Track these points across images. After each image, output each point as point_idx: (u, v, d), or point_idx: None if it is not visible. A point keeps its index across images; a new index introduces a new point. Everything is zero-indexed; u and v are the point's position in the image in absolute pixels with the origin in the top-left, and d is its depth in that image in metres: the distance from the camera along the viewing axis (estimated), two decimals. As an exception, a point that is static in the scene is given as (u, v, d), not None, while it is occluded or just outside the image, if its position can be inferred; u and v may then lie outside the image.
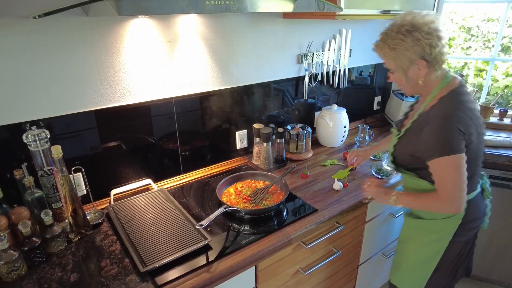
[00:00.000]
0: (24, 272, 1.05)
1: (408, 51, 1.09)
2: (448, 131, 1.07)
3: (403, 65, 1.13)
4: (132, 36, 1.35)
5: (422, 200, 1.21)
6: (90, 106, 1.34)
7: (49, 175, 1.19)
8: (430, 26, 1.08)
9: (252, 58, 1.75)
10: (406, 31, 1.08)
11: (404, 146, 1.24)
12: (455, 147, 1.07)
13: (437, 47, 1.08)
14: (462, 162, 1.08)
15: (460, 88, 1.15)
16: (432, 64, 1.12)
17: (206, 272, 1.07)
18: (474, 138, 1.10)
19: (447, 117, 1.08)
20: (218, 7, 1.06)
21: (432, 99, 1.17)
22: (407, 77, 1.16)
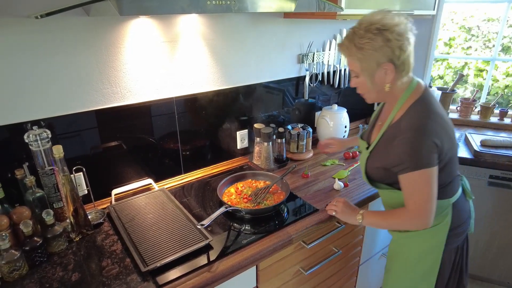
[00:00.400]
0: (25, 272, 1.06)
1: (377, 52, 1.00)
2: (421, 144, 1.01)
3: (369, 67, 1.04)
4: (133, 36, 1.36)
5: (389, 218, 1.16)
6: (91, 106, 1.34)
7: (50, 175, 1.19)
8: (401, 27, 1.00)
9: (252, 58, 1.75)
10: (376, 30, 0.99)
11: (376, 160, 1.16)
12: (427, 160, 1.01)
13: (406, 50, 1.01)
14: (434, 176, 1.03)
15: (427, 93, 1.09)
16: (400, 69, 1.04)
17: (207, 271, 1.07)
18: (446, 146, 1.04)
19: (419, 129, 1.02)
20: (219, 7, 1.06)
21: (400, 108, 1.09)
22: (373, 81, 1.07)
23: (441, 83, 3.29)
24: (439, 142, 1.02)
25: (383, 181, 1.19)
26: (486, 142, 1.99)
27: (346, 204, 1.29)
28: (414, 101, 1.07)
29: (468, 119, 2.44)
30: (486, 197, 1.98)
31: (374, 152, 1.17)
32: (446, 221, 1.15)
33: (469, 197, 1.26)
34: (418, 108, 1.06)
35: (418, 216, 1.07)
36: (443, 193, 1.12)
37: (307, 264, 1.41)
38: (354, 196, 1.48)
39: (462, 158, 1.94)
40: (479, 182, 1.96)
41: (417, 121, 1.03)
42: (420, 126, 1.02)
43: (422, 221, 1.07)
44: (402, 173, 1.05)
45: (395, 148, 1.05)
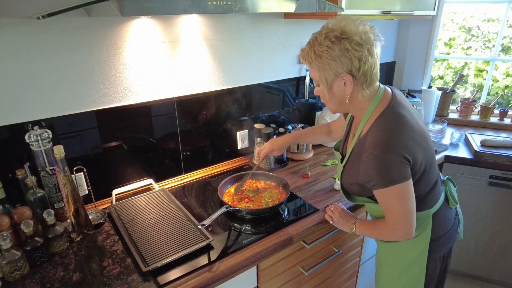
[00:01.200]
0: (26, 272, 1.06)
1: (334, 61, 0.94)
2: (388, 161, 0.95)
3: (327, 76, 0.98)
4: (134, 36, 1.36)
5: (375, 229, 1.15)
6: (92, 106, 1.34)
7: (51, 175, 1.19)
8: (362, 37, 0.93)
9: (253, 58, 1.75)
10: (335, 38, 0.93)
11: (349, 176, 1.12)
12: (397, 176, 0.96)
13: (367, 62, 0.94)
14: (408, 189, 0.99)
15: (394, 103, 1.03)
16: (361, 81, 0.98)
17: (208, 271, 1.07)
18: (419, 157, 1.00)
19: (385, 145, 0.96)
20: (220, 8, 1.07)
21: (367, 121, 1.04)
22: (331, 92, 1.01)
23: (441, 83, 3.29)
24: (409, 156, 0.96)
25: (361, 195, 1.16)
26: (486, 142, 1.99)
27: (342, 213, 1.28)
28: (380, 114, 1.01)
29: (468, 119, 2.44)
30: (486, 197, 1.98)
31: (347, 167, 1.14)
32: (426, 232, 1.13)
33: (453, 204, 1.20)
34: (383, 122, 1.00)
35: (399, 229, 1.05)
36: (423, 204, 1.10)
37: (308, 264, 1.41)
38: (355, 196, 1.48)
39: (462, 158, 1.95)
40: (479, 182, 1.97)
41: (383, 136, 0.98)
42: (386, 141, 0.96)
43: (402, 233, 1.05)
44: (374, 189, 1.02)
45: (363, 164, 1.01)
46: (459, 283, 2.24)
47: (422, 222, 1.12)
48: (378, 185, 1.00)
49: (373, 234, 1.19)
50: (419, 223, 1.11)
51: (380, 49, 0.99)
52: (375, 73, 0.99)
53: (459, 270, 2.24)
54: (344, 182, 1.18)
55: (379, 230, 1.13)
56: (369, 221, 1.21)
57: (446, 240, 1.18)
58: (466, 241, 2.13)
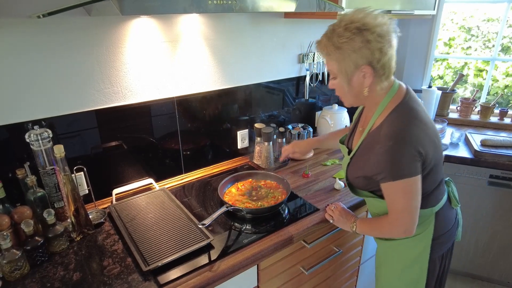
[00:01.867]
0: (26, 271, 1.06)
1: (355, 53, 0.94)
2: (402, 154, 0.95)
3: (347, 68, 0.98)
4: (134, 35, 1.36)
5: (376, 225, 1.15)
6: (92, 105, 1.34)
7: (52, 175, 1.19)
8: (383, 28, 0.93)
9: (253, 58, 1.75)
10: (356, 29, 0.92)
11: (356, 168, 1.12)
12: (408, 170, 0.96)
13: (387, 53, 0.95)
14: (416, 185, 0.99)
15: (409, 98, 1.03)
16: (379, 73, 0.97)
17: (208, 271, 1.07)
18: (430, 153, 1.00)
19: (400, 137, 0.96)
20: (220, 7, 1.07)
21: (381, 114, 1.04)
22: (350, 84, 1.01)
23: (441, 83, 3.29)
24: (422, 150, 0.97)
25: (366, 189, 1.15)
26: (486, 142, 1.99)
27: (342, 212, 1.28)
28: (395, 107, 1.01)
29: (468, 119, 2.44)
30: (486, 197, 1.98)
31: (354, 160, 1.13)
32: (428, 230, 1.13)
33: (455, 205, 1.21)
34: (399, 114, 1.00)
35: (400, 225, 1.04)
36: (426, 202, 1.09)
37: (308, 264, 1.41)
38: (354, 196, 1.47)
39: (462, 158, 1.95)
40: (479, 182, 1.97)
41: (398, 128, 0.98)
42: (401, 134, 0.96)
43: (403, 229, 1.05)
44: (383, 182, 1.02)
45: (374, 156, 1.00)
46: (459, 282, 2.24)
47: (424, 220, 1.12)
48: (387, 178, 0.99)
49: (374, 231, 1.19)
50: (422, 220, 1.10)
51: (396, 41, 0.98)
52: (393, 65, 1.00)
53: (459, 270, 2.24)
54: (350, 175, 1.16)
55: (380, 226, 1.13)
56: (370, 219, 1.21)
57: (445, 240, 1.18)
58: (466, 240, 2.13)
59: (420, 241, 1.14)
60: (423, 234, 1.13)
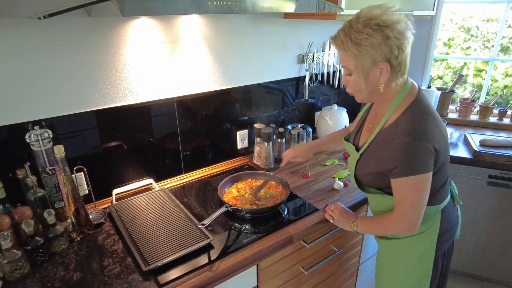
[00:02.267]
0: (27, 271, 1.06)
1: (374, 49, 0.93)
2: (418, 150, 0.96)
3: (364, 65, 0.97)
4: (134, 36, 1.36)
5: (378, 223, 1.15)
6: (92, 106, 1.35)
7: (52, 175, 1.20)
8: (402, 25, 0.94)
9: (253, 58, 1.76)
10: (376, 26, 0.92)
11: (368, 165, 1.12)
12: (422, 166, 0.98)
13: (405, 50, 0.96)
14: (428, 181, 1.00)
15: (421, 95, 1.05)
16: (396, 69, 0.98)
17: (208, 271, 1.07)
18: (442, 149, 1.02)
19: (418, 133, 0.97)
20: (220, 8, 1.07)
21: (395, 110, 1.04)
22: (367, 80, 1.00)
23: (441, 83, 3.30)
24: (437, 146, 0.98)
25: (375, 185, 1.15)
26: (485, 142, 2.00)
27: (343, 212, 1.29)
28: (410, 103, 1.03)
29: (467, 119, 2.45)
30: (486, 197, 1.99)
31: (365, 156, 1.13)
32: (435, 227, 1.13)
33: (458, 202, 1.23)
34: (415, 111, 1.02)
35: (405, 221, 1.05)
36: (434, 199, 1.10)
37: (308, 264, 1.41)
38: (354, 196, 1.48)
39: (461, 158, 1.95)
40: (479, 182, 1.97)
41: (416, 124, 0.99)
42: (419, 130, 0.98)
43: (407, 225, 1.06)
44: (395, 177, 1.02)
45: (390, 151, 1.01)
46: (458, 282, 2.24)
47: (431, 217, 1.12)
48: (401, 173, 0.99)
49: (376, 229, 1.19)
50: (428, 218, 1.11)
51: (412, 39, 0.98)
52: (408, 62, 1.00)
53: (459, 270, 2.25)
54: (359, 172, 1.16)
55: (383, 223, 1.13)
56: (372, 217, 1.21)
57: (448, 237, 1.18)
58: (465, 240, 2.13)
59: (426, 239, 1.14)
60: (429, 231, 1.13)
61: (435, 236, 1.14)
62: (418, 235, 1.13)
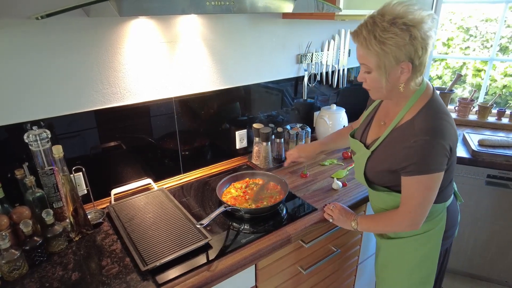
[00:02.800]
0: (25, 271, 1.06)
1: (399, 49, 0.91)
2: (436, 148, 0.97)
3: (387, 63, 0.95)
4: (133, 36, 1.36)
5: (381, 221, 1.15)
6: (90, 106, 1.35)
7: (50, 175, 1.20)
8: (428, 25, 0.92)
9: (251, 58, 1.76)
10: (404, 25, 0.89)
11: (380, 162, 1.11)
12: (437, 164, 0.98)
13: (428, 50, 0.95)
14: (438, 181, 1.01)
15: (436, 95, 1.06)
16: (417, 69, 0.97)
17: (207, 271, 1.07)
18: (455, 149, 1.03)
19: (437, 132, 0.97)
20: (218, 8, 1.07)
21: (410, 109, 1.04)
22: (388, 79, 0.98)
23: (440, 83, 3.30)
24: (452, 145, 1.00)
25: (384, 183, 1.15)
26: (484, 142, 2.00)
27: (342, 211, 1.29)
28: (426, 102, 1.03)
29: (466, 119, 2.45)
30: (484, 197, 1.99)
31: (377, 153, 1.12)
32: (441, 225, 1.14)
33: (460, 200, 1.24)
34: (433, 110, 1.02)
35: (412, 218, 1.06)
36: (441, 197, 1.10)
37: (306, 263, 1.41)
38: (353, 196, 1.49)
39: (460, 157, 1.95)
40: (477, 182, 1.97)
41: (433, 123, 0.99)
42: (436, 129, 0.98)
43: (413, 223, 1.06)
44: (408, 175, 1.02)
45: (405, 149, 1.00)
46: (457, 282, 2.24)
47: (437, 215, 1.12)
48: (415, 171, 1.00)
49: (377, 226, 1.19)
50: (434, 215, 1.12)
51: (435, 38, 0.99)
52: (426, 64, 1.00)
53: (458, 270, 2.25)
54: (370, 169, 1.15)
55: (386, 220, 1.13)
56: (372, 215, 1.21)
57: (451, 234, 1.20)
58: (464, 240, 2.14)
59: (432, 237, 1.14)
60: (435, 229, 1.13)
61: (441, 234, 1.15)
62: (424, 234, 1.13)
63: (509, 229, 2.01)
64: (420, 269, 1.18)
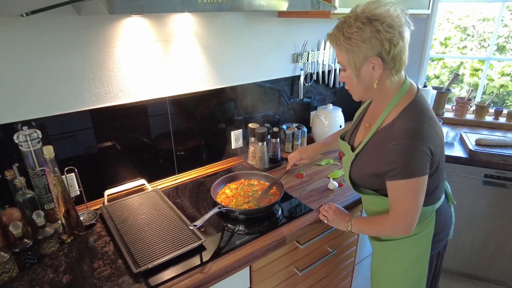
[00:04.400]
0: (15, 274, 1.04)
1: (364, 43, 0.92)
2: (416, 152, 0.95)
3: (356, 60, 0.96)
4: (126, 35, 1.34)
5: (373, 224, 1.15)
6: (83, 106, 1.33)
7: (41, 176, 1.18)
8: (394, 19, 0.92)
9: (247, 57, 1.74)
10: (366, 19, 0.92)
11: (364, 165, 1.10)
12: (420, 168, 0.97)
13: (397, 45, 0.93)
14: (423, 184, 1.00)
15: (420, 96, 1.03)
16: (389, 65, 0.96)
17: (200, 273, 1.06)
18: (438, 152, 1.01)
19: (416, 136, 0.96)
20: (210, 6, 1.05)
21: (392, 110, 1.03)
22: (359, 76, 0.99)
23: (437, 83, 3.29)
24: (433, 149, 0.98)
25: (370, 187, 1.14)
26: (481, 141, 1.99)
27: (337, 212, 1.27)
28: (408, 104, 1.01)
29: (463, 118, 2.44)
30: (481, 196, 1.98)
31: (360, 156, 1.12)
32: (430, 227, 1.13)
33: (452, 202, 1.22)
34: (414, 112, 1.00)
35: (403, 222, 1.04)
36: (428, 199, 1.09)
37: (302, 265, 1.40)
38: (349, 196, 1.47)
39: (457, 157, 1.94)
40: (474, 181, 1.96)
41: (413, 126, 0.97)
42: (417, 132, 0.96)
43: (405, 227, 1.05)
44: (392, 179, 1.01)
45: (387, 153, 0.99)
46: (455, 282, 2.23)
47: (426, 218, 1.11)
48: (398, 176, 0.98)
49: (371, 229, 1.18)
50: (423, 218, 1.10)
51: (409, 34, 0.96)
52: (404, 59, 0.98)
53: (455, 269, 2.24)
54: (354, 172, 1.14)
55: (379, 224, 1.12)
56: (367, 217, 1.20)
57: (442, 237, 1.18)
58: (461, 240, 2.13)
59: (421, 240, 1.13)
60: (424, 232, 1.12)
61: (430, 236, 1.13)
62: (413, 236, 1.12)
63: (507, 228, 2.00)
64: (411, 271, 1.17)
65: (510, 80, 3.10)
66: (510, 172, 1.86)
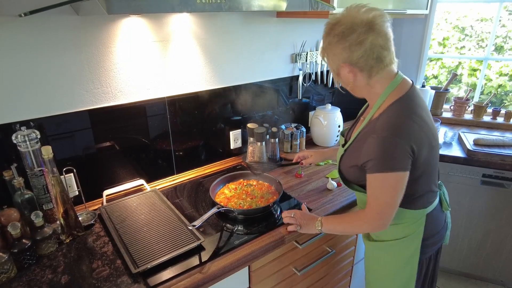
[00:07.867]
0: (13, 275, 1.04)
1: (332, 52, 1.02)
2: (392, 145, 0.94)
3: (333, 66, 1.05)
4: (124, 35, 1.34)
5: (346, 221, 1.13)
6: (81, 106, 1.33)
7: (40, 176, 1.18)
8: (354, 23, 0.95)
9: (245, 58, 1.74)
10: (329, 29, 1.01)
11: (350, 159, 1.11)
12: (398, 163, 0.95)
13: (358, 50, 0.95)
14: (403, 181, 0.97)
15: (411, 92, 1.02)
16: (365, 68, 0.99)
17: (199, 273, 1.06)
18: (424, 153, 0.99)
19: (395, 129, 0.95)
20: (209, 6, 1.06)
21: (380, 105, 1.03)
22: (341, 79, 1.06)
23: (436, 83, 3.30)
24: (415, 147, 0.95)
25: (357, 182, 1.14)
26: (479, 141, 2.00)
27: (304, 215, 1.24)
28: (397, 99, 1.00)
29: (461, 118, 2.45)
30: (479, 196, 1.98)
31: (349, 150, 1.13)
32: (419, 231, 1.11)
33: (446, 208, 1.20)
34: (399, 107, 0.99)
35: (376, 219, 1.03)
36: (419, 203, 1.08)
37: (301, 264, 1.40)
38: (347, 196, 1.48)
39: (455, 157, 1.95)
40: (472, 181, 1.97)
41: (394, 120, 0.97)
42: (397, 126, 0.96)
43: (378, 224, 1.04)
44: (370, 172, 1.00)
45: (367, 145, 0.99)
46: (453, 281, 2.24)
47: (416, 221, 1.11)
48: (375, 169, 0.97)
49: (344, 227, 1.15)
50: (413, 221, 1.10)
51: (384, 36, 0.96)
52: (379, 58, 0.97)
53: (453, 269, 2.25)
54: (343, 166, 1.15)
55: (351, 221, 1.11)
56: (337, 215, 1.19)
57: (434, 241, 1.17)
58: (459, 239, 2.13)
59: (411, 243, 1.13)
60: (414, 234, 1.12)
61: (419, 240, 1.12)
62: (403, 239, 1.12)
63: (504, 228, 2.00)
64: (402, 273, 1.17)
65: (508, 80, 3.11)
66: (508, 172, 1.87)
